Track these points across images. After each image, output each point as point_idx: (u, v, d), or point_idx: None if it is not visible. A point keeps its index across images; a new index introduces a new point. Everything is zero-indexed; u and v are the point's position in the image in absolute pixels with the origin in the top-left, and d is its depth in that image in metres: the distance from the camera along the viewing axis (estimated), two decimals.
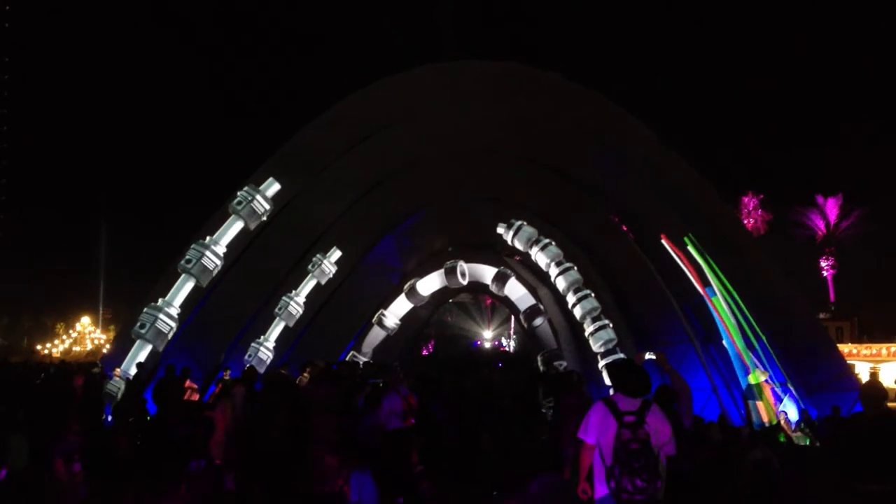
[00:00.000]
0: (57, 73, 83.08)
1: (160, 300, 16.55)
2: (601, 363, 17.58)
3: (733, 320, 16.73)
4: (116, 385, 15.14)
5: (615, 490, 5.12)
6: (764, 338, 16.75)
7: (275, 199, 17.91)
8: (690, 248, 17.01)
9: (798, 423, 15.38)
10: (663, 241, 17.52)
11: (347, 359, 18.93)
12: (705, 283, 17.12)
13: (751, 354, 16.57)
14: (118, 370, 15.52)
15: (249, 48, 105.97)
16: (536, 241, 18.82)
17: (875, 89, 65.74)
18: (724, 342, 16.98)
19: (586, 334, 18.35)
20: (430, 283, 20.31)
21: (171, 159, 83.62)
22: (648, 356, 8.39)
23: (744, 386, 16.76)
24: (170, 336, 16.54)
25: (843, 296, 49.50)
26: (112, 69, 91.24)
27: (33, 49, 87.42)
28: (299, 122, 18.58)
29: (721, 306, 16.74)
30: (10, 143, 71.11)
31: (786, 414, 15.90)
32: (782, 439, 14.37)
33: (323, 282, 18.93)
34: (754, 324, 16.74)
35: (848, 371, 17.82)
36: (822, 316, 39.03)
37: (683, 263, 17.30)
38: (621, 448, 5.15)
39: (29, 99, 77.91)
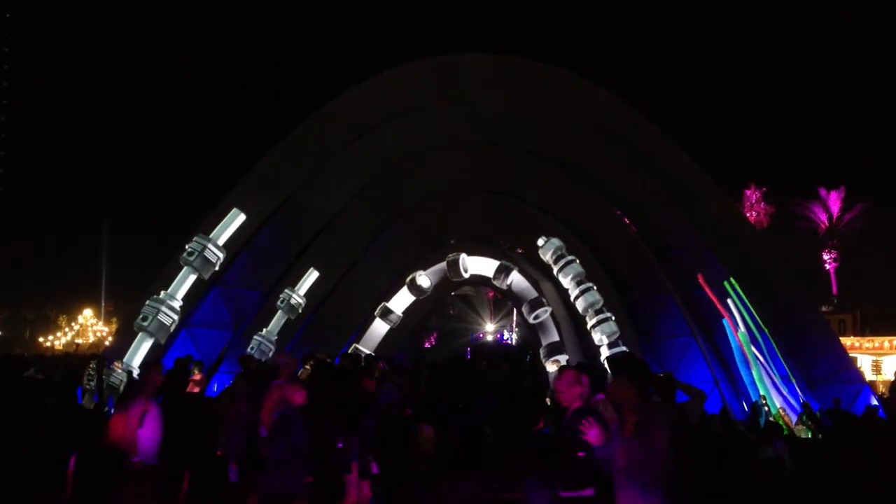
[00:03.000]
0: (57, 68, 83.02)
1: (162, 293, 16.56)
2: (603, 356, 17.60)
3: (745, 332, 16.69)
4: (119, 377, 15.16)
5: None
6: (766, 330, 16.76)
7: (274, 193, 17.95)
8: (730, 294, 16.86)
9: (799, 415, 15.39)
10: (699, 280, 17.36)
11: (350, 351, 18.94)
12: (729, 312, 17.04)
13: (753, 348, 16.58)
14: (118, 363, 15.53)
15: (250, 42, 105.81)
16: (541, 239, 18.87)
17: (878, 81, 65.50)
18: (731, 341, 16.98)
19: (588, 327, 18.37)
20: (431, 276, 20.31)
21: (174, 152, 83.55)
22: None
23: (746, 380, 16.78)
24: (172, 329, 16.56)
25: (845, 289, 49.54)
26: (112, 63, 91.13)
27: (34, 44, 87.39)
28: (301, 116, 18.56)
29: (744, 338, 16.67)
30: (11, 133, 71.20)
31: (787, 406, 15.92)
32: (785, 432, 14.39)
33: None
34: (757, 316, 16.74)
35: (850, 364, 17.84)
36: (824, 309, 39.05)
37: (709, 296, 17.18)
38: None
39: (31, 91, 77.92)
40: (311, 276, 18.70)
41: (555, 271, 18.94)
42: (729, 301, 16.78)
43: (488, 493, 9.72)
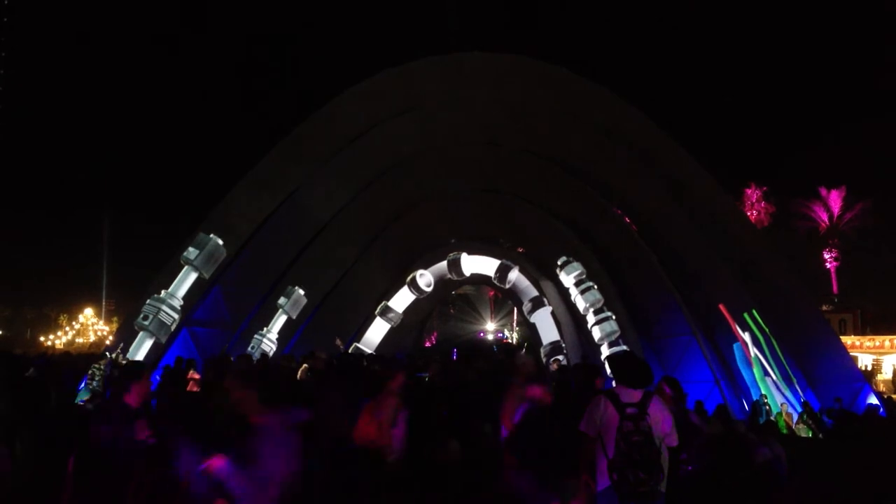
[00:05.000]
0: (58, 68, 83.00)
1: (163, 292, 16.59)
2: (603, 355, 17.60)
3: (757, 355, 16.69)
4: None
5: (617, 482, 5.11)
6: (767, 330, 16.76)
7: (274, 193, 17.98)
8: (749, 324, 16.82)
9: (800, 414, 15.39)
10: (720, 309, 17.30)
11: (350, 351, 18.95)
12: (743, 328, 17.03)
13: (754, 349, 16.59)
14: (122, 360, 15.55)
15: (251, 39, 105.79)
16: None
17: (877, 81, 65.44)
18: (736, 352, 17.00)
19: (589, 326, 18.37)
20: (432, 276, 20.31)
21: (175, 151, 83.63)
22: None
23: (747, 379, 16.79)
24: (172, 328, 16.58)
25: (846, 288, 49.51)
26: (114, 62, 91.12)
27: (33, 43, 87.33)
28: (302, 114, 18.56)
29: (756, 362, 16.67)
30: (6, 134, 71.27)
31: (788, 405, 15.92)
32: (785, 432, 14.38)
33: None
34: (758, 317, 16.73)
35: (851, 363, 17.83)
36: (825, 308, 39.06)
37: (727, 319, 17.16)
38: (623, 440, 5.14)
39: (31, 90, 77.92)
40: (297, 293, 18.70)
41: (556, 270, 18.96)
42: (747, 335, 16.75)
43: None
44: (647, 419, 5.19)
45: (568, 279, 18.71)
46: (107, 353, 17.21)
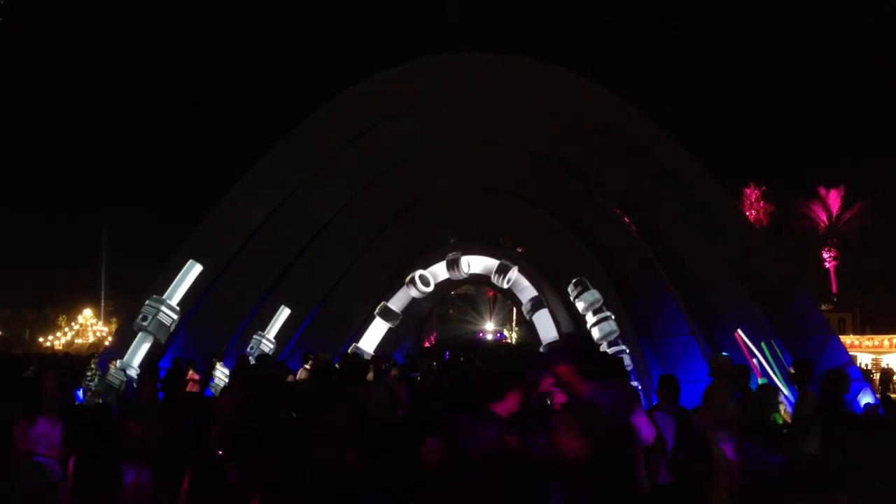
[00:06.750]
0: (57, 68, 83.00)
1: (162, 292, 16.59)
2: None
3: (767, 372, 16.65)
4: (117, 377, 15.18)
5: None
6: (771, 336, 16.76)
7: (274, 193, 17.98)
8: (765, 353, 16.76)
9: None
10: (736, 336, 17.22)
11: (349, 351, 18.94)
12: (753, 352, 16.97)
13: (761, 358, 16.57)
14: (116, 362, 15.55)
15: (251, 39, 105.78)
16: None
17: (877, 80, 65.44)
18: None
19: (588, 326, 18.36)
20: (431, 275, 20.30)
21: (174, 151, 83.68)
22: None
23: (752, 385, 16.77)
24: (172, 328, 16.57)
25: (845, 287, 49.53)
26: (112, 61, 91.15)
27: (30, 42, 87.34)
28: (301, 114, 18.56)
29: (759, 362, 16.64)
30: (5, 135, 71.30)
31: (787, 404, 15.91)
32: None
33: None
34: (776, 348, 16.70)
35: (850, 362, 17.83)
36: (824, 307, 39.09)
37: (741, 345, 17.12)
38: None
39: (31, 90, 77.92)
40: (284, 312, 18.66)
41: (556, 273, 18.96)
42: (756, 358, 16.70)
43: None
44: None
45: (566, 280, 18.71)
46: (94, 356, 17.27)
